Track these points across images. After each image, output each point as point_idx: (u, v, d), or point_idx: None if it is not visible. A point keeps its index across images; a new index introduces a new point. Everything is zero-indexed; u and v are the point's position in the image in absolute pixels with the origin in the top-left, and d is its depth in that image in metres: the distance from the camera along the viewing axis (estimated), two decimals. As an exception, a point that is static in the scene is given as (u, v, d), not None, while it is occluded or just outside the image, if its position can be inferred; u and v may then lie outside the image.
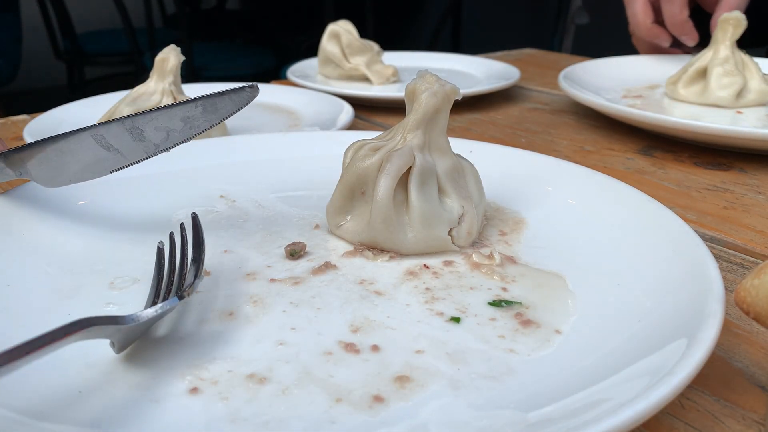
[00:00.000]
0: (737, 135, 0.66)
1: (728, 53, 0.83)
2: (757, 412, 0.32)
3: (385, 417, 0.29)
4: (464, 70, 1.13)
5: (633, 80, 0.97)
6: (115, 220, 0.47)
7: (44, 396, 0.30)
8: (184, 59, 0.71)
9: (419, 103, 0.44)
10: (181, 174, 0.55)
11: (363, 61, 1.00)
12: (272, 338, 0.35)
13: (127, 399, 0.30)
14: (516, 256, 0.44)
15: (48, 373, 0.31)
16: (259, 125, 0.80)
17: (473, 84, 1.01)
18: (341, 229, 0.46)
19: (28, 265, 0.41)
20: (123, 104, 0.69)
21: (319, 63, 1.04)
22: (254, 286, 0.40)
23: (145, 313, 0.33)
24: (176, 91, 0.70)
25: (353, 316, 0.37)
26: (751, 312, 0.27)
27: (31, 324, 0.35)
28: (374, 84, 0.99)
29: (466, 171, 0.47)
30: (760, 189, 0.62)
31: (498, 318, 0.37)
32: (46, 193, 0.47)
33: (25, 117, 0.84)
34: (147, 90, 0.69)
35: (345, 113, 0.77)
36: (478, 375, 0.32)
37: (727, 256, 0.49)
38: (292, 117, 0.84)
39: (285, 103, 0.88)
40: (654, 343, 0.32)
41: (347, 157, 0.46)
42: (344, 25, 1.01)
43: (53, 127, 0.71)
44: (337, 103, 0.82)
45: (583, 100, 0.80)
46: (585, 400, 0.29)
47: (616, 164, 0.69)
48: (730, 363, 0.36)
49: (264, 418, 0.29)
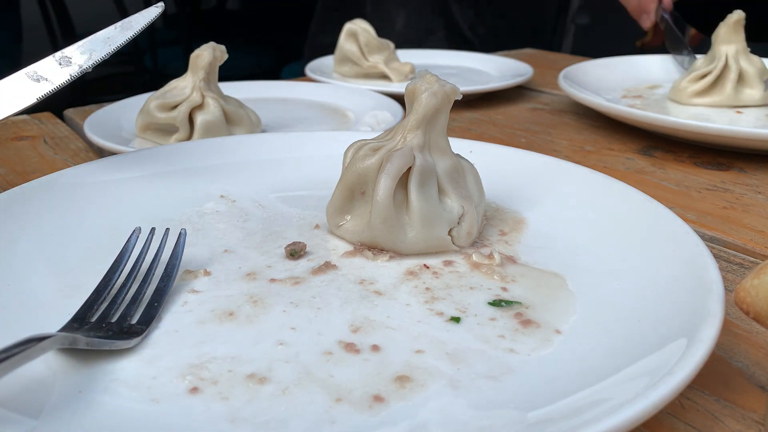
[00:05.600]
0: (737, 135, 0.66)
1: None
2: (757, 412, 0.32)
3: (385, 417, 0.29)
4: (479, 67, 1.15)
5: (633, 80, 0.97)
6: (115, 220, 0.47)
7: (44, 396, 0.30)
8: (227, 57, 0.69)
9: (419, 103, 0.44)
10: (181, 174, 0.55)
11: (381, 59, 1.01)
12: (272, 338, 0.35)
13: (127, 398, 0.30)
14: (516, 256, 0.44)
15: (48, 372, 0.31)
16: (312, 123, 0.81)
17: (487, 81, 1.02)
18: (341, 229, 0.46)
19: (28, 265, 0.41)
20: (153, 98, 0.68)
21: (335, 62, 1.05)
22: (254, 286, 0.40)
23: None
24: (204, 88, 0.67)
25: (353, 316, 0.37)
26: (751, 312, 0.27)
27: (31, 324, 0.35)
28: (393, 81, 1.00)
29: (466, 171, 0.47)
30: (760, 189, 0.62)
31: (498, 318, 0.37)
32: (46, 193, 0.48)
33: (26, 117, 0.84)
34: (179, 84, 0.68)
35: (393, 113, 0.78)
36: (478, 375, 0.32)
37: (727, 256, 0.49)
38: (338, 114, 0.85)
39: (332, 101, 0.89)
40: (654, 343, 0.32)
41: (347, 157, 0.46)
42: (361, 23, 1.03)
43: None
44: (384, 101, 0.83)
45: (583, 100, 0.80)
46: (585, 400, 0.29)
47: (616, 164, 0.69)
48: (730, 363, 0.36)
49: (264, 418, 0.29)
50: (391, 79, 1.00)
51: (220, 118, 0.67)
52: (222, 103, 0.68)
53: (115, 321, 0.35)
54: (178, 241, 0.42)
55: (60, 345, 0.30)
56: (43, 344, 0.28)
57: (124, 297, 0.37)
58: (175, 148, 0.57)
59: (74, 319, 0.35)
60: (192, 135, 0.67)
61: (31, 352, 0.28)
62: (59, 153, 0.72)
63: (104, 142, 0.64)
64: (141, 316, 0.36)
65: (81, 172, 0.51)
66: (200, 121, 0.67)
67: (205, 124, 0.67)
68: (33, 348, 0.28)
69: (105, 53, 0.49)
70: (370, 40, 1.02)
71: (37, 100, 0.48)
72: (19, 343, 0.28)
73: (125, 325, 0.35)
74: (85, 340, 0.32)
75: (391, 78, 1.00)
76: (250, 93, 0.89)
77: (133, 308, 0.36)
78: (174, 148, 0.57)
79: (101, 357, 0.33)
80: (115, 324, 0.35)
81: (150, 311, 0.36)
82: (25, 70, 0.48)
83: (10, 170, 0.66)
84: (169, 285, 0.39)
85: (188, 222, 0.49)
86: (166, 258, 0.41)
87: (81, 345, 0.32)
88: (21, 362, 0.27)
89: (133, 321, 0.35)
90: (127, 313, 0.36)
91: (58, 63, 0.47)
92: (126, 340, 0.33)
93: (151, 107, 0.68)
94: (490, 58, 1.18)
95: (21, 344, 0.28)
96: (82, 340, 0.32)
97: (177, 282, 0.40)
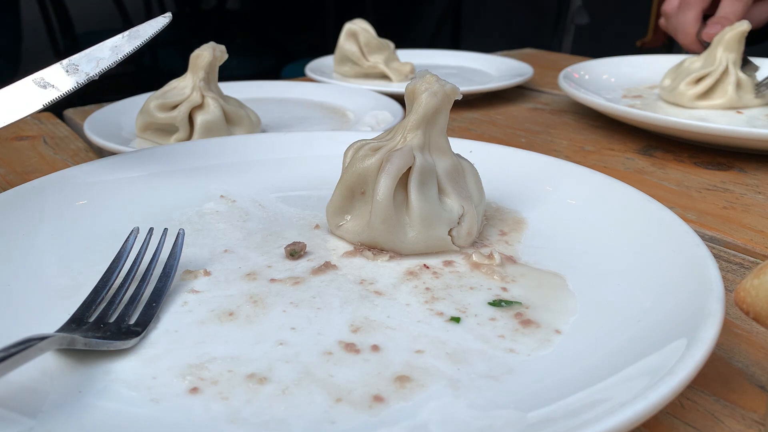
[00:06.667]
0: (737, 135, 0.66)
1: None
2: (757, 412, 0.32)
3: (385, 417, 0.29)
4: (479, 67, 1.16)
5: (633, 80, 0.97)
6: (115, 220, 0.47)
7: (43, 395, 0.30)
8: (227, 57, 0.69)
9: (419, 103, 0.44)
10: (181, 174, 0.55)
11: (381, 59, 1.02)
12: (272, 338, 0.35)
13: (126, 399, 0.30)
14: (516, 256, 0.44)
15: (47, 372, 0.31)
16: (312, 123, 0.81)
17: (487, 81, 1.02)
18: (341, 229, 0.46)
19: (28, 265, 0.41)
20: (153, 98, 0.68)
21: (335, 62, 1.05)
22: (254, 286, 0.40)
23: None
24: (204, 88, 0.67)
25: (353, 316, 0.37)
26: (751, 312, 0.27)
27: (32, 324, 0.35)
28: (393, 81, 1.00)
29: (466, 171, 0.47)
30: (760, 189, 0.62)
31: (498, 318, 0.37)
32: (46, 193, 0.48)
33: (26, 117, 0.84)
34: (179, 84, 0.68)
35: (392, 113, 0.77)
36: (478, 375, 0.32)
37: (727, 256, 0.49)
38: (338, 114, 0.85)
39: (332, 101, 0.89)
40: (654, 343, 0.32)
41: (347, 157, 0.46)
42: (361, 23, 1.03)
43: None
44: (384, 101, 0.82)
45: (583, 100, 0.80)
46: (585, 400, 0.29)
47: (616, 164, 0.69)
48: (730, 363, 0.36)
49: (264, 418, 0.29)
50: (391, 79, 1.01)
51: (220, 118, 0.67)
52: (222, 103, 0.68)
53: (113, 321, 0.35)
54: (176, 241, 0.42)
55: (58, 346, 0.30)
56: (41, 345, 0.28)
57: (122, 297, 0.37)
58: (175, 148, 0.57)
59: (72, 320, 0.35)
60: (192, 135, 0.67)
61: (29, 353, 0.28)
62: (59, 153, 0.72)
63: (104, 142, 0.64)
64: (139, 317, 0.36)
65: (81, 172, 0.51)
66: (200, 121, 0.67)
67: (205, 124, 0.67)
68: (31, 348, 0.28)
69: (112, 61, 0.50)
70: (370, 40, 1.02)
71: (44, 107, 0.49)
72: (16, 343, 0.28)
73: (123, 325, 0.35)
74: (83, 341, 0.32)
75: (391, 78, 1.01)
76: (250, 93, 0.89)
77: (132, 309, 0.36)
78: (174, 148, 0.57)
79: (101, 357, 0.33)
80: (113, 324, 0.35)
81: (148, 311, 0.36)
82: (32, 77, 0.49)
83: (10, 170, 0.66)
84: (167, 285, 0.39)
85: (188, 222, 0.49)
86: (165, 258, 0.41)
87: (79, 345, 0.32)
88: (19, 363, 0.27)
89: (132, 321, 0.35)
90: (125, 313, 0.36)
91: (65, 70, 0.48)
92: (124, 341, 0.33)
93: (151, 107, 0.68)
94: (490, 58, 1.18)
95: (19, 345, 0.28)
96: (80, 340, 0.32)
97: (177, 282, 0.40)
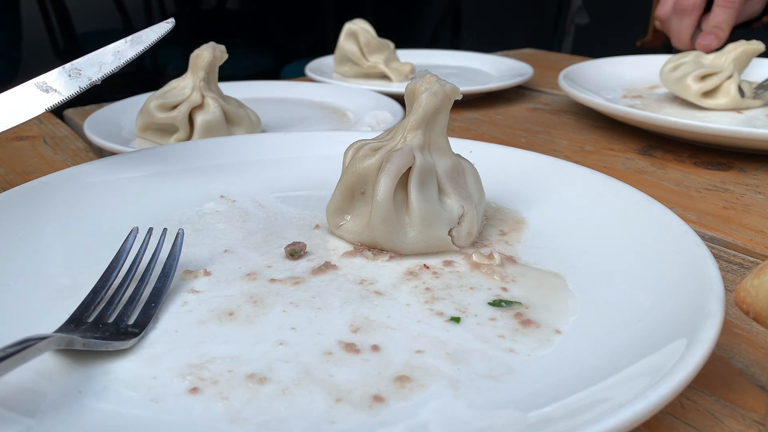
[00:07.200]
0: (737, 135, 0.66)
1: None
2: (757, 412, 0.32)
3: (385, 417, 0.29)
4: (479, 67, 1.16)
5: (633, 80, 0.97)
6: (114, 220, 0.47)
7: (43, 395, 0.30)
8: (227, 57, 0.69)
9: (419, 104, 0.44)
10: (181, 174, 0.55)
11: (381, 59, 1.01)
12: (272, 338, 0.35)
13: (126, 399, 0.30)
14: (516, 256, 0.44)
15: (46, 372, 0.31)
16: (312, 123, 0.81)
17: (487, 81, 1.02)
18: (341, 229, 0.46)
19: (27, 265, 0.41)
20: (153, 98, 0.68)
21: (335, 62, 1.05)
22: (254, 286, 0.40)
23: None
24: (204, 88, 0.67)
25: (353, 316, 0.37)
26: (751, 312, 0.27)
27: (31, 324, 0.35)
28: (393, 81, 1.00)
29: (466, 171, 0.47)
30: (760, 189, 0.62)
31: (498, 318, 0.37)
32: (46, 193, 0.47)
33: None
34: (179, 84, 0.68)
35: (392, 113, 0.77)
36: (478, 375, 0.32)
37: (727, 256, 0.49)
38: (338, 114, 0.85)
39: (331, 101, 0.89)
40: (654, 343, 0.32)
41: (347, 157, 0.46)
42: (361, 23, 1.03)
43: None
44: (384, 101, 0.82)
45: (583, 100, 0.80)
46: (585, 400, 0.29)
47: (616, 164, 0.69)
48: (730, 363, 0.36)
49: (264, 418, 0.29)
50: (391, 79, 1.01)
51: (220, 118, 0.67)
52: (222, 103, 0.68)
53: (112, 322, 0.35)
54: (175, 241, 0.42)
55: (56, 346, 0.30)
56: (40, 345, 0.28)
57: (121, 297, 0.37)
58: (175, 148, 0.57)
59: (71, 320, 0.35)
60: (192, 135, 0.67)
61: (28, 353, 0.28)
62: (59, 153, 0.72)
63: (104, 142, 0.64)
64: (138, 317, 0.36)
65: (81, 172, 0.51)
66: (200, 121, 0.67)
67: (205, 124, 0.67)
68: (29, 349, 0.28)
69: (114, 66, 0.50)
70: (370, 40, 1.02)
71: (46, 111, 0.49)
72: (15, 343, 0.28)
73: (122, 325, 0.35)
74: (82, 341, 0.32)
75: (391, 78, 1.01)
76: (250, 93, 0.89)
77: (131, 309, 0.36)
78: (174, 148, 0.57)
79: (100, 357, 0.33)
80: (112, 325, 0.35)
81: (147, 312, 0.36)
82: (35, 81, 0.49)
83: (9, 170, 0.66)
84: (166, 285, 0.39)
85: (188, 222, 0.49)
86: (164, 258, 0.41)
87: (78, 346, 0.32)
88: (17, 363, 0.27)
89: (130, 322, 0.35)
90: (124, 313, 0.36)
91: (67, 74, 0.48)
92: (123, 341, 0.33)
93: (151, 107, 0.68)
94: (490, 58, 1.18)
95: (17, 345, 0.27)
96: (78, 341, 0.32)
97: (177, 282, 0.40)
